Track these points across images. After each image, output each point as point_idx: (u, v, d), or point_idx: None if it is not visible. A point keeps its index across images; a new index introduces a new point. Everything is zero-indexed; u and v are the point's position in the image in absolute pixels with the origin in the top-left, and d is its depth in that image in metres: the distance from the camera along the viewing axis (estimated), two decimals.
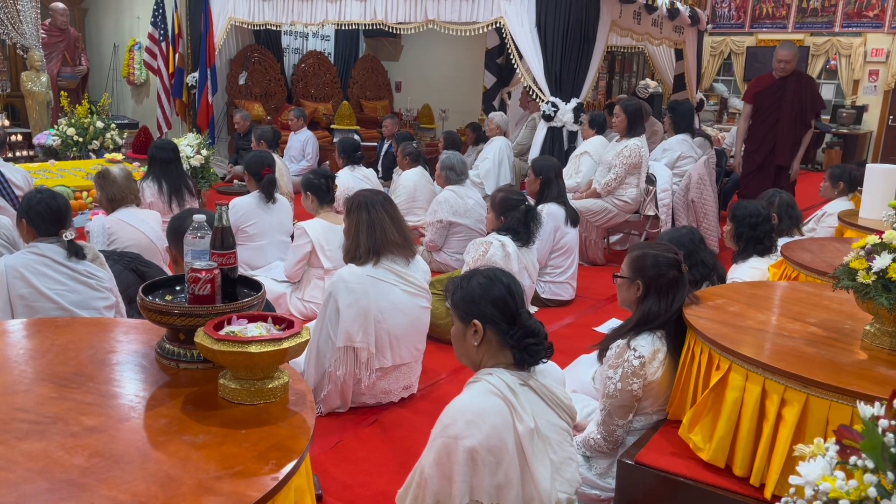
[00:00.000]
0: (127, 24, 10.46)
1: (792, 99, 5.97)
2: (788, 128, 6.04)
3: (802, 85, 6.04)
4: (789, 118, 6.00)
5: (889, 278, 1.92)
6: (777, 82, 6.05)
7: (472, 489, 1.76)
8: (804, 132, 6.07)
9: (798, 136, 6.04)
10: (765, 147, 6.13)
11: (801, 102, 5.98)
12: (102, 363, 1.72)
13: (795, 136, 6.04)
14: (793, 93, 5.97)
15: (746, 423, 1.97)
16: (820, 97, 6.23)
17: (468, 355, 1.99)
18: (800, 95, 5.98)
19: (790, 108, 5.98)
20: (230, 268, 1.76)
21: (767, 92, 6.08)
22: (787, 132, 6.05)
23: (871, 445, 0.80)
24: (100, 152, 6.55)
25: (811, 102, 6.04)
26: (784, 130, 6.05)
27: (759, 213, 3.52)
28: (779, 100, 6.01)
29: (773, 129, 6.07)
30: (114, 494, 1.22)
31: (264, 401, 1.57)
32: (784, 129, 6.05)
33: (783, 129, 6.04)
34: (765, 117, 6.10)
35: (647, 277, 2.38)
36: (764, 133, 6.12)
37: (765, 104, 6.09)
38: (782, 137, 6.05)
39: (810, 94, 6.02)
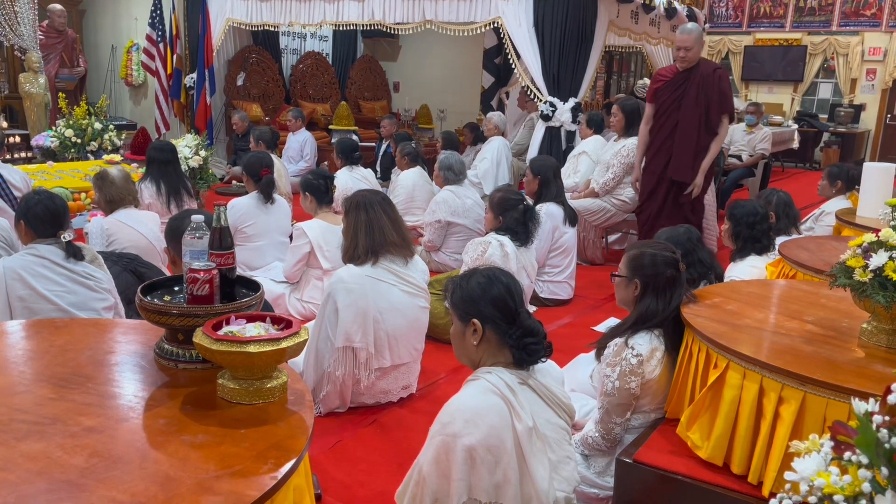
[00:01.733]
0: (124, 25, 10.46)
1: (694, 97, 4.66)
2: (687, 134, 4.70)
3: (707, 79, 4.66)
4: (689, 122, 4.68)
5: (885, 276, 1.92)
6: (678, 76, 4.75)
7: (470, 488, 1.77)
8: (708, 140, 4.72)
9: (701, 146, 4.71)
10: (660, 159, 4.82)
11: (704, 102, 4.65)
12: (101, 364, 1.73)
13: (697, 145, 4.71)
14: (695, 89, 4.65)
15: (744, 421, 1.98)
16: (730, 96, 4.75)
17: (467, 354, 1.99)
18: (704, 93, 4.64)
19: (691, 109, 4.67)
20: (228, 268, 1.77)
21: (667, 89, 4.77)
22: (686, 140, 4.71)
23: (865, 441, 0.80)
24: (98, 154, 6.54)
25: (718, 102, 4.66)
26: (682, 138, 4.71)
27: (757, 211, 3.54)
28: (678, 98, 4.72)
29: (670, 137, 4.77)
30: (113, 495, 1.22)
31: (263, 400, 1.57)
32: (682, 137, 4.71)
33: (681, 137, 4.71)
34: (663, 121, 4.79)
35: (644, 276, 2.38)
36: (661, 141, 4.82)
37: (664, 104, 4.79)
38: (680, 147, 4.72)
39: (718, 91, 4.65)
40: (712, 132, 4.73)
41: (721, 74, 4.72)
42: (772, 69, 12.85)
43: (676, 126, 4.72)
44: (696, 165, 4.73)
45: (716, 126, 4.73)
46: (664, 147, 4.80)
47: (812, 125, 12.02)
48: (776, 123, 10.59)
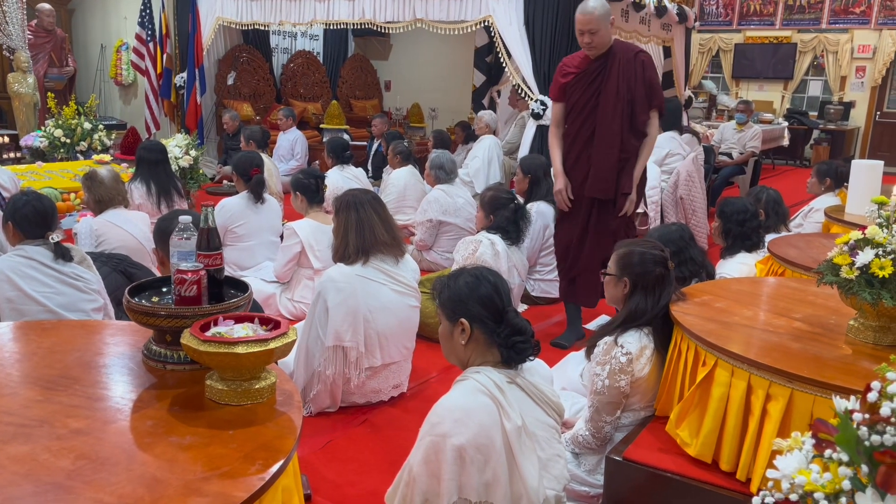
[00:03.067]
0: (114, 24, 10.42)
1: (613, 91, 3.58)
2: (608, 139, 3.62)
3: (627, 67, 3.59)
4: (609, 123, 3.60)
5: (872, 273, 1.93)
6: (591, 66, 3.64)
7: (460, 487, 1.77)
8: (636, 144, 3.66)
9: (627, 153, 3.65)
10: (578, 173, 3.73)
11: (626, 96, 3.59)
12: (89, 365, 1.72)
13: (622, 151, 3.63)
14: (614, 81, 3.59)
15: (732, 419, 1.99)
16: (658, 86, 3.74)
17: (456, 354, 2.00)
18: (625, 84, 3.59)
19: (610, 106, 3.59)
20: (216, 269, 1.76)
21: (579, 83, 3.68)
22: (607, 146, 3.63)
23: (845, 439, 0.81)
24: (88, 154, 6.51)
25: (645, 95, 3.62)
26: (602, 144, 3.63)
27: (747, 209, 3.55)
28: (594, 94, 3.64)
29: (589, 144, 3.68)
30: (100, 497, 1.22)
31: (251, 401, 1.57)
32: (602, 143, 3.63)
33: (601, 143, 3.64)
34: (578, 125, 3.70)
35: (633, 275, 2.39)
36: (578, 151, 3.72)
37: (578, 103, 3.69)
38: (600, 155, 3.64)
39: (643, 81, 3.61)
40: (640, 134, 3.66)
41: (644, 60, 3.63)
42: (762, 67, 12.90)
43: (594, 130, 3.65)
44: (621, 177, 3.66)
45: (643, 125, 3.65)
46: (582, 158, 3.70)
47: (802, 123, 12.08)
48: (766, 121, 10.64)
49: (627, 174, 3.68)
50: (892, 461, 0.77)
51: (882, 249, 1.95)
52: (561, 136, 3.82)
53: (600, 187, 3.68)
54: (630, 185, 3.70)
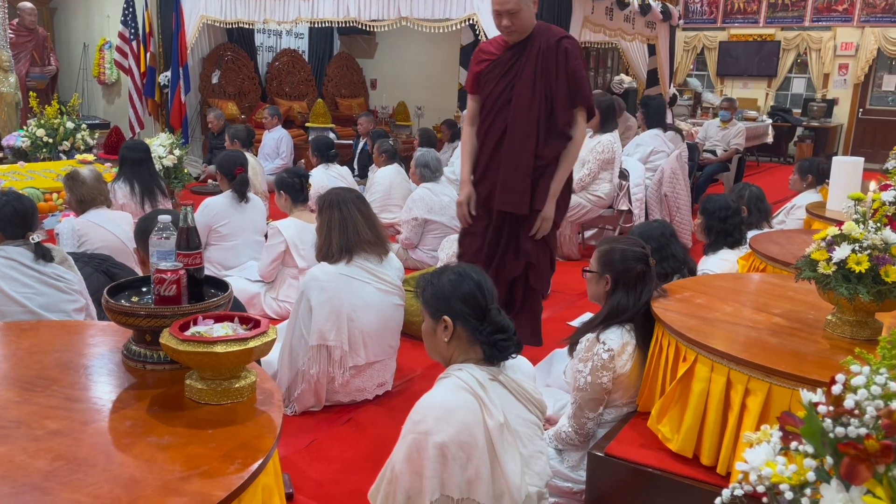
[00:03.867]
0: (97, 23, 10.33)
1: (530, 83, 3.03)
2: (521, 141, 3.06)
3: (547, 55, 3.01)
4: (523, 121, 3.04)
5: (848, 269, 1.95)
6: (507, 52, 3.09)
7: (442, 484, 1.78)
8: (556, 148, 3.08)
9: (544, 159, 3.07)
10: (487, 180, 3.17)
11: (544, 90, 3.02)
12: (67, 366, 1.71)
13: (538, 157, 3.06)
14: (531, 72, 3.02)
15: (712, 414, 2.00)
16: (584, 79, 3.07)
17: (438, 351, 2.00)
18: (543, 76, 3.01)
19: (525, 101, 3.03)
20: (196, 268, 1.76)
21: (493, 72, 3.12)
22: (519, 150, 3.06)
23: (810, 431, 0.82)
24: (70, 153, 6.46)
25: (567, 89, 3.02)
26: (513, 147, 3.07)
27: (729, 206, 3.58)
28: (508, 86, 3.07)
29: (500, 146, 3.12)
30: (77, 497, 1.22)
31: (231, 400, 1.57)
32: (513, 145, 3.07)
33: (511, 145, 3.08)
34: (490, 121, 3.14)
35: (615, 272, 2.40)
36: (489, 153, 3.15)
37: (492, 95, 3.12)
38: (510, 161, 3.08)
39: (565, 72, 3.00)
40: (562, 137, 3.06)
41: (568, 47, 3.00)
42: (746, 64, 12.99)
43: (506, 131, 3.07)
44: (537, 190, 3.07)
45: (566, 126, 3.04)
46: (492, 164, 3.12)
47: (786, 120, 12.17)
48: (751, 118, 10.71)
49: (544, 187, 3.06)
50: (856, 453, 0.78)
51: (858, 245, 1.97)
52: (473, 136, 3.22)
53: (510, 200, 3.06)
54: (544, 201, 3.07)
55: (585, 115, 3.13)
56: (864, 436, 0.79)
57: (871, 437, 0.79)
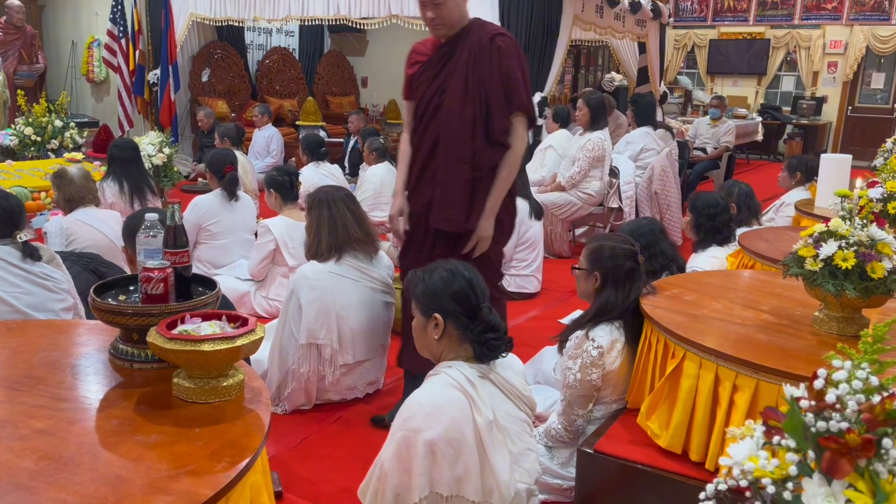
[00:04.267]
0: (85, 20, 10.27)
1: (462, 85, 2.72)
2: (454, 150, 2.73)
3: (481, 54, 2.70)
4: (455, 127, 2.72)
5: (835, 265, 1.97)
6: (439, 52, 2.79)
7: (431, 482, 1.78)
8: (493, 158, 2.73)
9: (480, 171, 2.73)
10: (421, 192, 2.84)
11: (478, 92, 2.70)
12: (54, 365, 1.70)
13: (474, 168, 2.73)
14: (463, 71, 2.71)
15: (701, 410, 2.01)
16: (520, 80, 2.71)
17: (428, 348, 2.00)
18: (476, 77, 2.70)
19: (457, 104, 2.71)
20: (184, 266, 1.75)
21: (426, 74, 2.81)
22: (453, 161, 2.74)
23: (792, 425, 0.83)
24: (59, 152, 6.42)
25: (503, 91, 2.70)
26: (446, 158, 2.75)
27: (718, 203, 3.59)
28: (439, 90, 2.77)
29: (431, 156, 2.79)
30: (63, 496, 1.21)
31: (219, 399, 1.56)
32: (446, 156, 2.75)
33: (444, 157, 2.75)
34: (423, 128, 2.82)
35: (604, 269, 2.41)
36: (422, 164, 2.83)
37: (424, 98, 2.81)
38: (444, 174, 2.76)
39: (499, 73, 2.68)
40: (499, 145, 2.72)
41: (502, 45, 2.68)
42: (736, 62, 13.04)
43: (438, 139, 2.75)
44: (472, 204, 2.73)
45: (503, 135, 2.71)
46: (425, 175, 2.81)
47: (775, 117, 12.23)
48: (741, 116, 10.75)
49: (480, 203, 2.73)
50: (838, 447, 0.79)
51: (845, 241, 1.98)
52: (408, 149, 2.91)
53: (445, 216, 2.75)
54: (477, 219, 2.72)
55: (525, 122, 2.77)
56: (845, 430, 0.80)
57: (853, 431, 0.80)
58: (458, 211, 2.74)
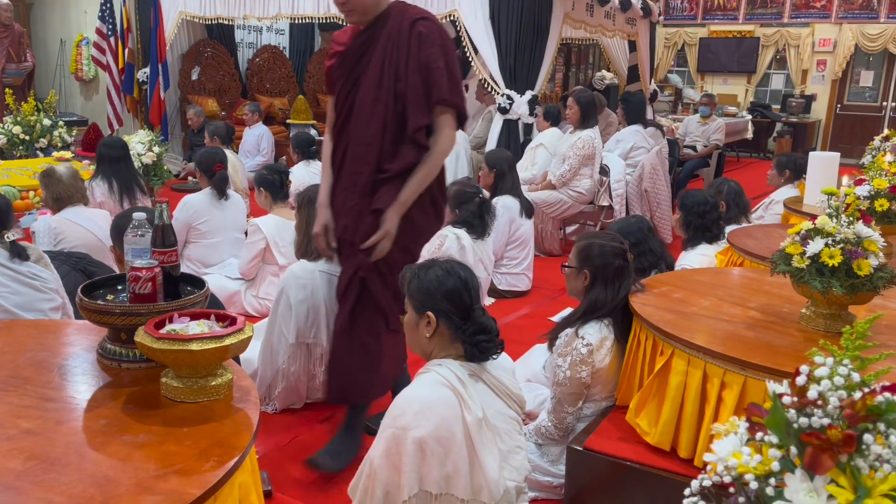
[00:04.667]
0: (74, 18, 10.21)
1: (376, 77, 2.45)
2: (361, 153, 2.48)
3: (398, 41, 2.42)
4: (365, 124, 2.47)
5: (822, 262, 1.98)
6: (356, 43, 2.52)
7: (420, 479, 1.78)
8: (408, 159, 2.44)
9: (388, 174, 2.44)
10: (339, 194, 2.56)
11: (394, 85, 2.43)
12: (41, 365, 1.69)
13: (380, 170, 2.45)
14: (379, 61, 2.44)
15: (689, 407, 2.02)
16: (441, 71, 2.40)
17: (420, 345, 2.00)
18: (392, 67, 2.43)
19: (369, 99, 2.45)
20: (172, 266, 1.75)
21: (342, 67, 2.54)
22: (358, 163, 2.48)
23: (774, 421, 0.83)
24: (48, 151, 6.39)
25: (425, 85, 2.41)
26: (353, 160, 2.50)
27: (707, 201, 3.60)
28: (354, 84, 2.50)
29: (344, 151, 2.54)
30: (50, 497, 1.21)
31: (207, 398, 1.56)
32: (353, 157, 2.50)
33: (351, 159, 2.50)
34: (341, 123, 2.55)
35: (593, 267, 2.42)
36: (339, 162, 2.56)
37: (341, 92, 2.55)
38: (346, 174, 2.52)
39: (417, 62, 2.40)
40: (414, 145, 2.43)
41: (423, 31, 2.38)
42: (726, 61, 13.09)
43: (350, 134, 2.50)
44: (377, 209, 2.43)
45: (420, 132, 2.43)
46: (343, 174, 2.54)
47: (765, 115, 12.28)
48: (731, 114, 10.80)
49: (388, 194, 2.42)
50: (819, 442, 0.80)
51: (832, 239, 1.99)
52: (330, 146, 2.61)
53: (342, 223, 2.50)
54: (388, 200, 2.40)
55: (452, 119, 2.45)
56: (826, 426, 0.81)
57: (834, 427, 0.81)
58: (357, 218, 2.45)
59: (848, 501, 0.77)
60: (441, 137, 2.47)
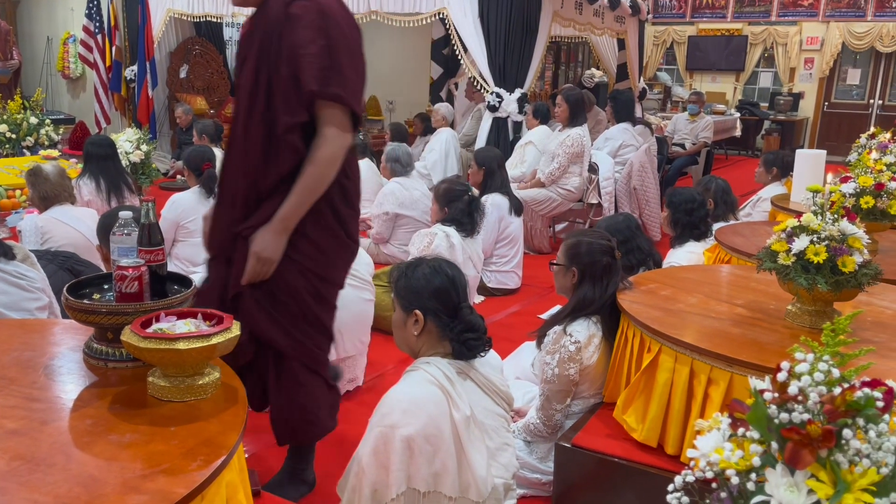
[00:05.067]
0: (60, 16, 10.14)
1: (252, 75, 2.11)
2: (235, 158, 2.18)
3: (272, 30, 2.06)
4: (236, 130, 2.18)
5: (807, 259, 1.99)
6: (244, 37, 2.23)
7: (408, 477, 1.78)
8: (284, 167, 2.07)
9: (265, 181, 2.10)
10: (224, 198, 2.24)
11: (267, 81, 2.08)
12: (26, 365, 1.68)
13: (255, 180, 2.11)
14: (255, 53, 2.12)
15: (676, 403, 2.04)
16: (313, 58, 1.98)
17: (407, 343, 2.01)
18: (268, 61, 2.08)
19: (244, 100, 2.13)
20: (158, 264, 1.74)
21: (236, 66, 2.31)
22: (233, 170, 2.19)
23: (756, 417, 0.84)
24: (34, 149, 6.34)
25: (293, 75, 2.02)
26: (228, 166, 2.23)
27: (695, 198, 3.62)
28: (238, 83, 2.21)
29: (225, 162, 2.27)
30: (35, 497, 1.20)
31: (195, 397, 1.55)
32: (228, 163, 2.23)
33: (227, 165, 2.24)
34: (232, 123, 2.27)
35: (581, 264, 2.43)
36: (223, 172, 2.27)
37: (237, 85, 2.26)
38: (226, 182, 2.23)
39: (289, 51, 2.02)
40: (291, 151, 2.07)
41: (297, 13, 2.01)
42: (715, 59, 13.15)
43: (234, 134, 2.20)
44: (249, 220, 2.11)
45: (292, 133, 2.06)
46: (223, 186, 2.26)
47: (753, 113, 12.35)
48: (719, 112, 10.85)
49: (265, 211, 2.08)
50: (799, 438, 0.80)
51: (817, 236, 2.01)
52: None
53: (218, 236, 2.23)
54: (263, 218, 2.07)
55: (341, 117, 2.04)
56: (806, 421, 0.82)
57: (814, 422, 0.82)
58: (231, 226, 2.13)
59: (827, 496, 0.78)
60: (320, 140, 2.04)
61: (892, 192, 2.93)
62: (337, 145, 2.06)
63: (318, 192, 2.08)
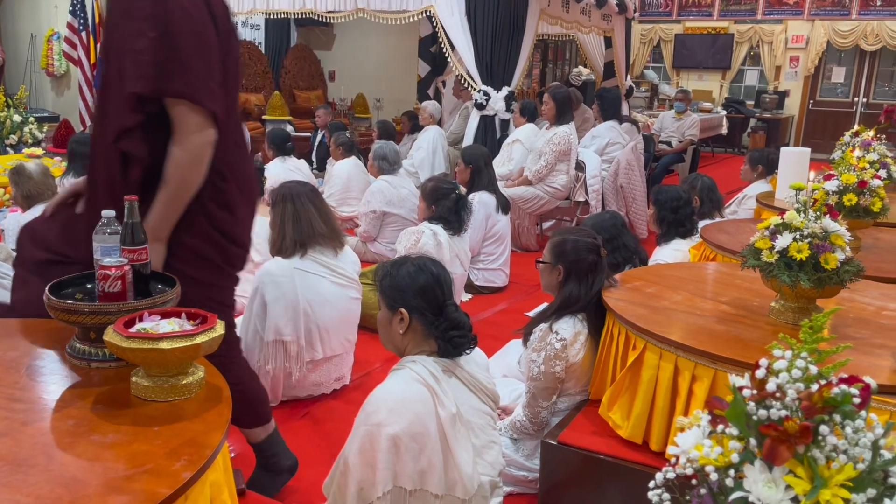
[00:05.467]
0: (44, 12, 10.04)
1: (105, 78, 1.93)
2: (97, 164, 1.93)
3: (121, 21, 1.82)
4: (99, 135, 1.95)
5: (790, 256, 2.01)
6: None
7: (395, 476, 1.79)
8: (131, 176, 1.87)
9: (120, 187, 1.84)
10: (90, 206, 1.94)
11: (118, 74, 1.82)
12: (8, 365, 1.67)
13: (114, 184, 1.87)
14: (105, 60, 1.95)
15: (661, 400, 2.05)
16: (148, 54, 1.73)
17: (393, 342, 2.01)
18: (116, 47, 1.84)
19: (100, 103, 1.98)
20: (142, 264, 1.73)
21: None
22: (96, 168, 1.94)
23: (735, 414, 0.85)
24: (18, 147, 6.29)
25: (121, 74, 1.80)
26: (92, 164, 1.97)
27: (681, 196, 3.64)
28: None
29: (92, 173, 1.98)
30: (16, 498, 1.19)
31: (178, 397, 1.54)
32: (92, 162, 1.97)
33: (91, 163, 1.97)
34: None
35: (567, 262, 2.44)
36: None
37: None
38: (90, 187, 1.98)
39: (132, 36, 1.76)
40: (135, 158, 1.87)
41: (130, 5, 1.80)
42: (702, 57, 13.22)
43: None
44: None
45: (125, 136, 1.84)
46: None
47: (739, 111, 12.43)
48: (706, 110, 10.91)
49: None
50: (777, 434, 0.81)
51: (799, 233, 2.03)
52: None
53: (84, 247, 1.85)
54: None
55: (188, 114, 1.81)
56: (784, 418, 0.83)
57: (792, 419, 0.82)
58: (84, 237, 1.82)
59: (805, 491, 0.79)
60: (173, 142, 1.82)
61: (875, 189, 2.96)
62: (191, 145, 1.82)
63: (184, 197, 1.88)
